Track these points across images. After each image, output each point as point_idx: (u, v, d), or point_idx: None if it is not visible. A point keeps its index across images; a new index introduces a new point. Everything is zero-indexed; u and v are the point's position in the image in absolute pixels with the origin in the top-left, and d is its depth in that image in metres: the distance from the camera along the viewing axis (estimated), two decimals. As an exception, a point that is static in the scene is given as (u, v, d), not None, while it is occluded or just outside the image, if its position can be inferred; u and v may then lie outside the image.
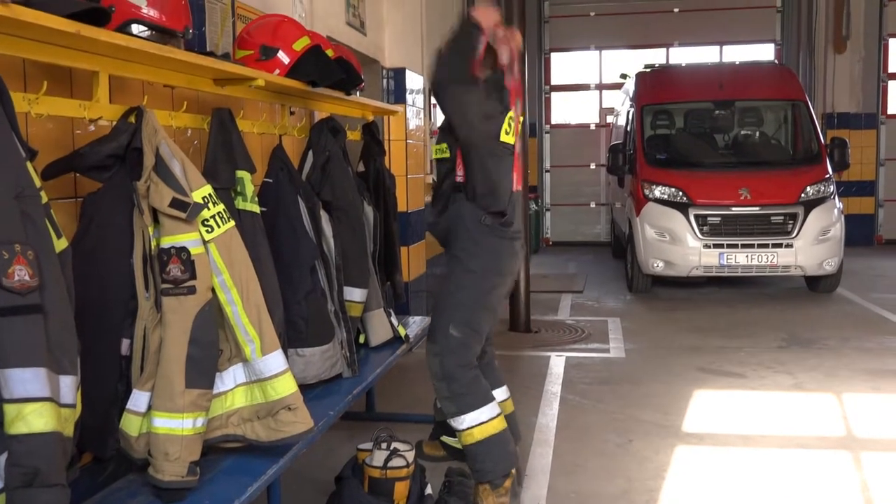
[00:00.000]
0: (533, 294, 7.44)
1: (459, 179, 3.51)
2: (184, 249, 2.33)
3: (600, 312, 8.16)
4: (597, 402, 5.13)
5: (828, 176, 8.74)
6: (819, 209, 8.42)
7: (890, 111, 13.68)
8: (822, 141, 9.27)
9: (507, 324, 7.16)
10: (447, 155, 3.58)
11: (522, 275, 6.90)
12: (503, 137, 3.48)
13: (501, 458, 3.47)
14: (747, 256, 8.33)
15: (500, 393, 3.85)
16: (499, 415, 3.51)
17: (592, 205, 14.65)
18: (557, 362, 6.08)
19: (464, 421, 3.45)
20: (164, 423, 2.30)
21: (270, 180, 3.39)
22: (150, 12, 2.53)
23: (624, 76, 11.38)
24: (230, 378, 2.53)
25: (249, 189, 2.91)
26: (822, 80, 13.21)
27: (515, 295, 7.06)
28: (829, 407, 4.98)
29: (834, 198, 8.64)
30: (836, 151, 9.00)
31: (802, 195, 8.44)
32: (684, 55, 14.24)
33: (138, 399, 2.34)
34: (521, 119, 3.73)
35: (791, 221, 8.36)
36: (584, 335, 7.06)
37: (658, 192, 8.71)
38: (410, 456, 3.36)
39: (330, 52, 3.71)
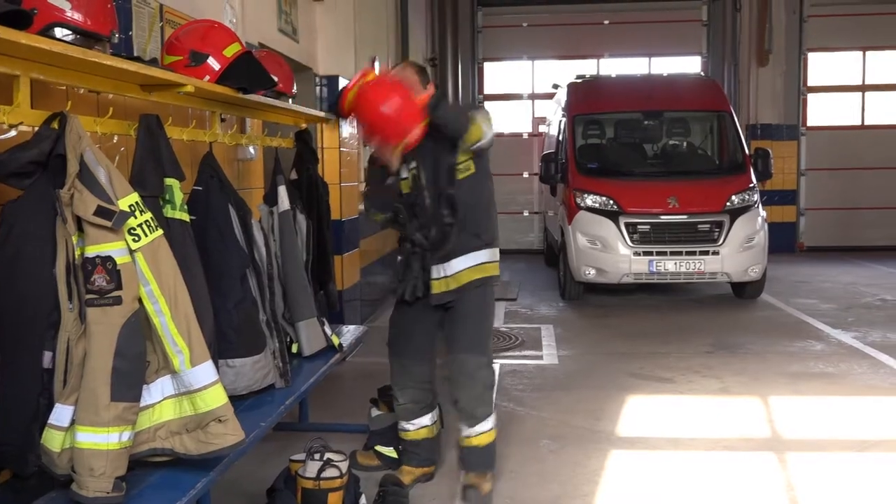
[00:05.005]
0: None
1: None
2: (109, 259, 2.27)
3: (533, 320, 8.23)
4: (531, 409, 5.17)
5: (752, 185, 8.98)
6: (744, 217, 8.64)
7: (810, 123, 14.16)
8: (747, 151, 9.52)
9: (442, 332, 7.16)
10: None
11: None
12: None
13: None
14: (676, 263, 8.50)
15: None
16: None
17: (525, 213, 14.77)
18: (491, 370, 6.09)
19: (491, 420, 3.81)
20: (89, 437, 2.24)
21: (200, 188, 3.33)
22: (74, 15, 2.46)
23: (556, 86, 11.52)
24: (157, 390, 2.47)
25: (178, 197, 2.85)
26: (747, 92, 13.64)
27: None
28: (754, 410, 5.12)
29: (758, 206, 8.88)
30: (759, 161, 9.24)
31: (728, 204, 8.66)
32: (614, 66, 14.50)
33: (61, 413, 2.27)
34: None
35: (717, 229, 8.56)
36: (517, 342, 7.11)
37: (589, 200, 8.84)
38: (344, 466, 3.34)
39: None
